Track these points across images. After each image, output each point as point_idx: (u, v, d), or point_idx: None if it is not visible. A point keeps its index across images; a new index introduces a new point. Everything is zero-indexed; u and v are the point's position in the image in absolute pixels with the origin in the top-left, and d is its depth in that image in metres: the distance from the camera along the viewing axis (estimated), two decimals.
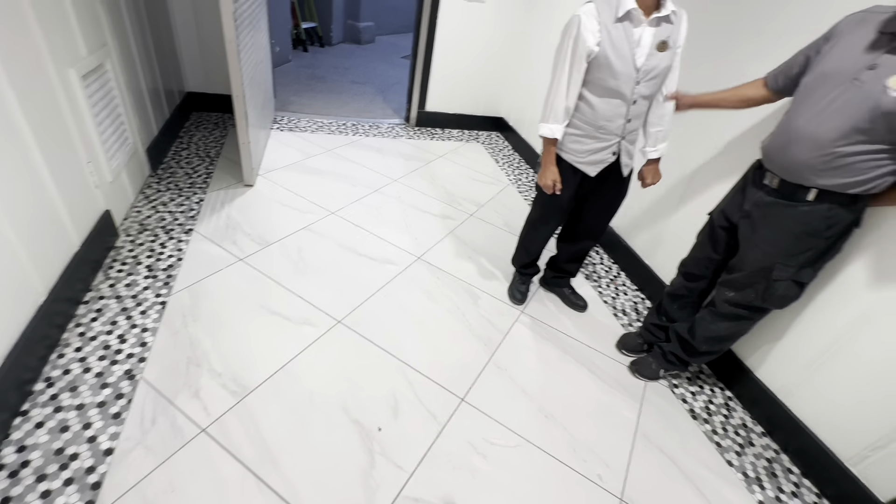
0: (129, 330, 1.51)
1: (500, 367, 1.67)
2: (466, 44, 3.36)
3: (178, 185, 2.31)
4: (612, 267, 2.38)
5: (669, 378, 1.77)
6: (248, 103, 2.18)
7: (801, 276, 1.33)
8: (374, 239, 2.21)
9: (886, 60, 1.07)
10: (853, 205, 1.21)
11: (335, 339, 1.64)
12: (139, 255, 1.83)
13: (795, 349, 1.53)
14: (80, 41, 1.63)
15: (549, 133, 1.49)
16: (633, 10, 1.29)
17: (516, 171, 3.24)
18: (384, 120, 3.69)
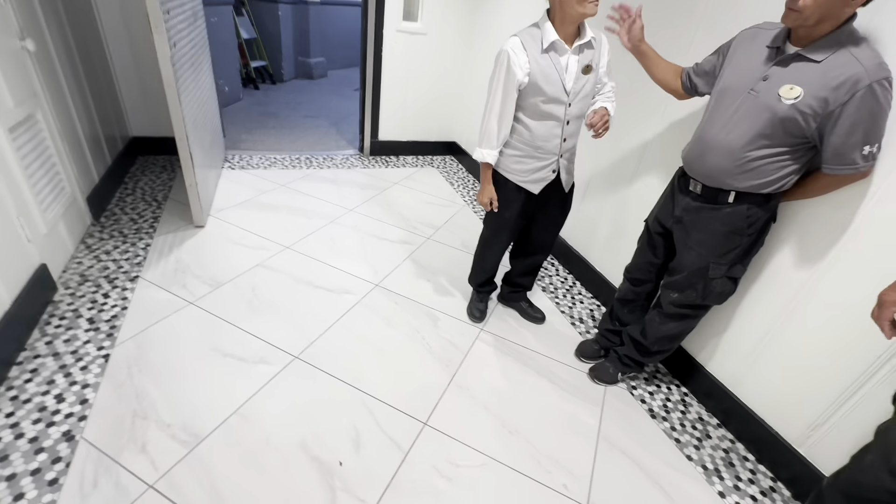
0: (67, 388, 1.43)
1: (462, 386, 1.67)
2: (413, 74, 3.47)
3: (123, 232, 2.24)
4: (567, 277, 2.46)
5: (628, 380, 1.82)
6: (192, 144, 2.16)
7: (734, 272, 1.43)
8: (330, 270, 2.20)
9: (775, 72, 1.19)
10: (767, 203, 1.32)
11: (292, 375, 1.60)
12: (79, 308, 1.75)
13: (738, 340, 1.61)
14: (5, 93, 1.58)
15: (482, 158, 1.58)
16: (556, 41, 1.40)
17: (471, 193, 3.32)
18: (338, 151, 3.72)
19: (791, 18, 1.11)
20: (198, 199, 2.26)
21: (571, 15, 1.36)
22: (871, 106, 1.07)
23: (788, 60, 1.17)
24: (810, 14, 1.06)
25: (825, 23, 1.08)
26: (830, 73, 1.09)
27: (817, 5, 1.04)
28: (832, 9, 1.05)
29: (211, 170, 2.64)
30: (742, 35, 1.33)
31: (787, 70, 1.17)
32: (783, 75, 1.17)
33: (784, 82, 1.17)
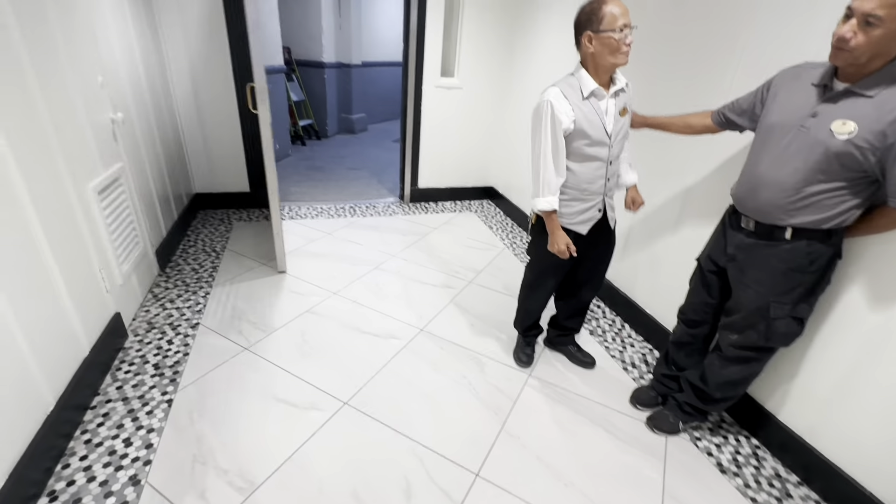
0: (134, 432, 1.50)
1: (513, 435, 1.62)
2: (450, 124, 3.64)
3: (186, 282, 2.40)
4: (615, 320, 2.38)
5: (690, 431, 1.70)
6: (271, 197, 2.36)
7: (798, 311, 1.35)
8: (376, 315, 2.25)
9: (825, 109, 1.18)
10: (829, 239, 1.26)
11: (343, 422, 1.61)
12: (146, 354, 1.86)
13: (812, 386, 1.49)
14: (97, 160, 1.80)
15: (547, 206, 1.55)
16: (595, 89, 1.46)
17: (510, 235, 3.35)
18: (380, 200, 3.89)
19: (841, 58, 1.10)
20: (283, 247, 2.46)
21: (604, 65, 1.43)
22: None
23: (838, 97, 1.16)
24: (862, 53, 1.06)
25: (876, 60, 1.08)
26: (885, 106, 1.07)
27: (869, 45, 1.04)
28: (883, 46, 1.04)
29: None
30: (783, 74, 1.34)
31: (838, 106, 1.15)
32: (834, 111, 1.16)
33: (835, 118, 1.15)
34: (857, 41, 1.04)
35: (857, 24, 1.03)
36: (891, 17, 0.99)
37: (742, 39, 1.64)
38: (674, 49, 1.94)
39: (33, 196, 1.35)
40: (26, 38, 1.38)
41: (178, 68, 2.90)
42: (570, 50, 2.66)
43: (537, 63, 3.11)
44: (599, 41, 1.39)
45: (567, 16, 2.69)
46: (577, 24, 1.45)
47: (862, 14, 1.02)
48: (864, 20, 1.02)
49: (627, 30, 1.37)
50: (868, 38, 1.03)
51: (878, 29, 1.01)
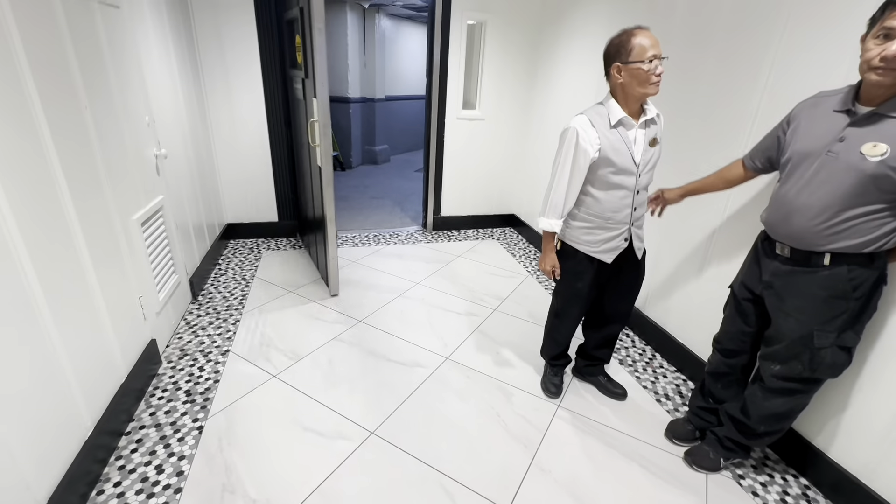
0: (166, 459, 1.51)
1: (544, 469, 1.56)
2: (472, 153, 3.71)
3: (217, 309, 2.46)
4: (645, 349, 2.32)
5: (732, 468, 1.61)
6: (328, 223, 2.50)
7: (845, 340, 1.29)
8: (402, 343, 2.24)
9: (852, 133, 1.17)
10: (872, 263, 1.22)
11: (369, 452, 1.59)
12: (179, 381, 1.89)
13: (865, 420, 1.41)
14: (141, 193, 1.90)
15: (548, 227, 1.60)
16: (623, 117, 1.48)
17: (533, 263, 3.33)
18: (403, 228, 3.95)
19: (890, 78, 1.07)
20: (336, 271, 2.63)
21: (634, 95, 1.45)
22: None
23: (864, 121, 1.15)
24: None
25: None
26: None
27: None
28: None
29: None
30: (801, 105, 1.34)
31: (865, 129, 1.14)
32: (862, 135, 1.14)
33: (865, 141, 1.13)
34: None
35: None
36: None
37: (763, 77, 1.65)
38: (693, 86, 1.96)
39: (84, 228, 1.43)
40: (86, 82, 1.50)
41: (215, 105, 3.07)
42: (591, 81, 2.72)
43: (558, 94, 3.17)
44: (629, 72, 1.42)
45: (588, 48, 2.76)
46: (607, 56, 1.48)
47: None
48: None
49: (657, 61, 1.39)
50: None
51: None
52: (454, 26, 3.26)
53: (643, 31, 1.40)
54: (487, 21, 3.32)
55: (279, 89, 3.13)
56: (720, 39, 1.84)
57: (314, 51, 2.13)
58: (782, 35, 1.59)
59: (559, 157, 1.54)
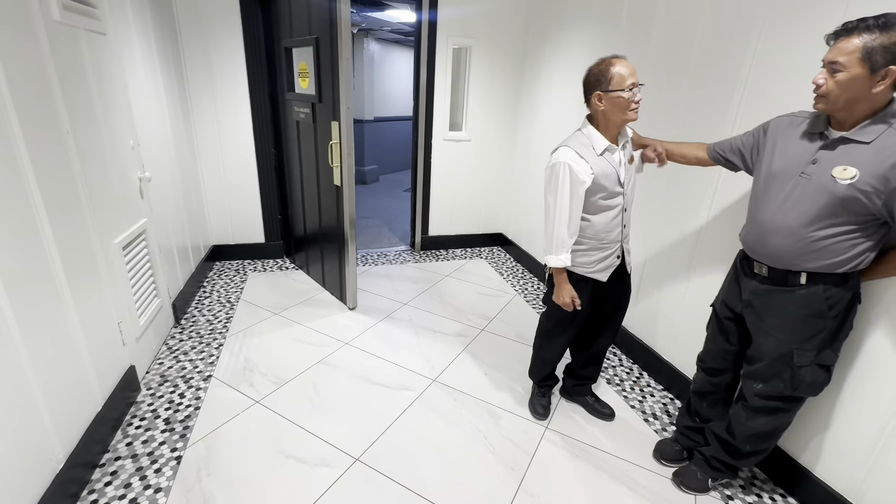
0: (141, 492, 1.46)
1: (532, 494, 1.54)
2: (459, 174, 3.76)
3: (200, 333, 2.41)
4: (632, 368, 2.32)
5: (720, 488, 1.60)
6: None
7: (823, 358, 1.31)
8: (388, 366, 2.22)
9: (824, 156, 1.21)
10: (846, 283, 1.25)
11: (354, 480, 1.56)
12: (158, 409, 1.84)
13: (847, 438, 1.41)
14: (123, 217, 1.88)
15: (559, 264, 1.57)
16: (609, 145, 1.53)
17: (521, 282, 3.34)
18: (391, 248, 3.95)
19: (821, 103, 1.17)
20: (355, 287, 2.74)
21: (615, 122, 1.50)
22: None
23: (835, 144, 1.19)
24: (836, 97, 1.12)
25: (858, 105, 1.12)
26: (884, 152, 1.09)
27: (841, 90, 1.10)
28: (857, 91, 1.09)
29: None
30: (777, 122, 1.38)
31: (836, 153, 1.18)
32: (833, 158, 1.18)
33: (835, 164, 1.17)
34: (828, 87, 1.13)
35: (826, 72, 1.14)
36: (850, 62, 1.08)
37: (735, 104, 1.71)
38: (670, 108, 2.02)
39: (61, 251, 1.41)
40: (69, 106, 1.50)
41: (202, 127, 3.08)
42: (574, 104, 2.79)
43: (542, 116, 3.24)
44: (609, 100, 1.46)
45: (569, 71, 2.84)
46: (587, 84, 1.52)
47: (828, 62, 1.13)
48: (830, 68, 1.12)
49: (636, 88, 1.44)
50: (835, 83, 1.11)
51: (841, 74, 1.10)
52: (440, 50, 3.34)
53: (621, 60, 1.45)
54: (472, 45, 3.41)
55: (267, 112, 3.15)
56: (694, 65, 1.91)
57: (339, 78, 2.34)
58: (752, 60, 1.66)
59: (553, 192, 1.52)
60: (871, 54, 1.05)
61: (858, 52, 1.06)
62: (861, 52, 1.06)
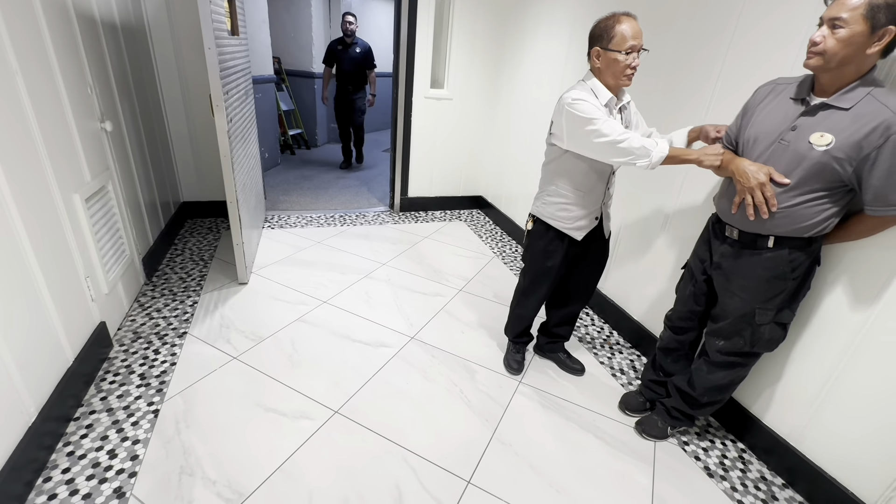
0: (119, 444, 1.47)
1: (504, 442, 1.62)
2: (440, 134, 3.68)
3: (173, 290, 2.36)
4: (603, 327, 2.41)
5: (678, 435, 1.72)
6: (241, 208, 2.32)
7: (782, 317, 1.39)
8: (366, 324, 2.24)
9: (803, 122, 1.23)
10: (809, 246, 1.31)
11: (333, 431, 1.60)
12: (132, 364, 1.82)
13: (795, 389, 1.53)
14: (84, 168, 1.78)
15: (661, 153, 1.38)
16: (610, 99, 1.49)
17: (500, 244, 3.38)
18: (370, 209, 3.89)
19: (814, 60, 1.16)
20: (243, 258, 2.39)
21: (609, 84, 1.47)
22: None
23: (815, 110, 1.21)
24: (832, 56, 1.12)
25: (849, 66, 1.13)
26: (860, 119, 1.12)
27: (840, 47, 1.10)
28: (854, 50, 1.10)
29: (254, 230, 2.80)
30: (761, 90, 1.39)
31: (815, 119, 1.20)
32: (812, 124, 1.21)
33: (814, 130, 1.20)
34: (826, 44, 1.12)
35: (827, 28, 1.12)
36: (853, 18, 1.07)
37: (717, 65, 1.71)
38: (655, 71, 2.01)
39: (18, 202, 1.33)
40: (15, 45, 1.37)
41: (168, 77, 2.89)
42: (558, 64, 2.73)
43: (525, 74, 3.17)
44: (605, 59, 1.43)
45: (554, 30, 2.76)
46: (591, 37, 1.48)
47: (829, 19, 1.11)
48: (831, 24, 1.11)
49: (635, 53, 1.39)
50: (836, 40, 1.11)
51: (842, 30, 1.09)
52: (422, 1, 3.18)
53: (629, 18, 1.39)
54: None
55: None
56: (680, 27, 1.88)
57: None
58: (736, 24, 1.64)
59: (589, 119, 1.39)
60: (875, 11, 1.05)
61: (863, 7, 1.06)
62: (865, 8, 1.05)
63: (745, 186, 1.29)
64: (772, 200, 1.26)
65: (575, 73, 2.58)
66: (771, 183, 1.26)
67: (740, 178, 1.31)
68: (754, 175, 1.27)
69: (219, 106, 2.02)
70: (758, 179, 1.26)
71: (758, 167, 1.28)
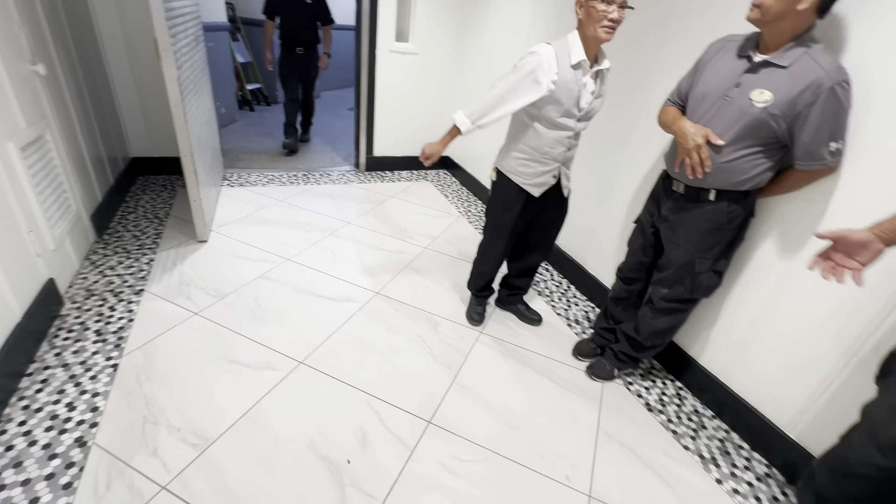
0: (78, 397, 1.45)
1: (465, 386, 1.72)
2: (406, 91, 3.59)
3: (126, 248, 2.28)
4: (561, 281, 2.53)
5: (624, 377, 1.87)
6: (196, 162, 2.23)
7: (718, 266, 1.50)
8: (331, 280, 2.25)
9: (747, 79, 1.29)
10: (746, 199, 1.41)
11: (298, 380, 1.64)
12: (86, 321, 1.78)
13: (726, 332, 1.68)
14: (18, 115, 1.65)
15: (459, 122, 1.59)
16: (583, 60, 1.48)
17: (465, 204, 3.41)
18: (334, 168, 3.81)
19: (753, 14, 1.22)
20: (201, 215, 2.32)
21: (588, 36, 1.45)
22: (833, 106, 1.17)
23: (758, 67, 1.27)
24: (767, 9, 1.18)
25: (784, 21, 1.19)
26: (796, 77, 1.19)
27: (773, 1, 1.16)
28: (785, 7, 1.16)
29: (212, 187, 2.70)
30: (711, 47, 1.44)
31: (758, 76, 1.27)
32: (754, 81, 1.27)
33: (755, 87, 1.26)
34: None
35: None
36: None
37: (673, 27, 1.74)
38: None
39: None
40: None
41: (107, 20, 2.66)
42: (523, 20, 2.69)
43: (493, 30, 3.11)
44: (586, 9, 1.42)
45: None
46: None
47: None
48: None
49: (615, 5, 1.38)
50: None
51: None
52: None
53: None
54: None
55: None
56: None
57: None
58: None
59: (512, 73, 1.51)
60: None
61: None
62: None
63: (683, 148, 1.37)
64: (706, 162, 1.34)
65: (541, 30, 2.56)
66: (707, 145, 1.33)
67: (681, 139, 1.38)
68: (692, 137, 1.35)
69: (165, 50, 1.89)
70: (695, 141, 1.34)
71: (697, 129, 1.35)
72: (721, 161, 1.35)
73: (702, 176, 1.36)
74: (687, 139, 1.35)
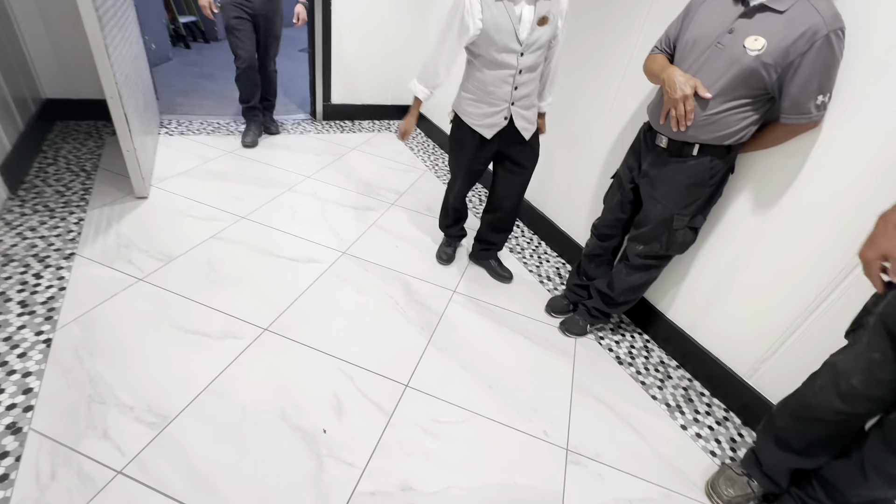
0: (5, 378, 1.28)
1: (440, 347, 1.68)
2: (365, 34, 3.28)
3: (49, 206, 1.99)
4: (532, 238, 2.50)
5: (595, 332, 1.90)
6: (126, 105, 1.93)
7: (695, 222, 1.50)
8: (292, 239, 2.09)
9: (741, 25, 1.22)
10: (728, 154, 1.38)
11: (264, 347, 1.53)
12: (7, 291, 1.55)
13: (695, 287, 1.72)
14: None
15: (416, 91, 1.66)
16: None
17: (432, 157, 3.25)
18: (288, 116, 3.49)
19: None
20: (137, 168, 2.05)
21: None
22: (826, 56, 1.13)
23: (753, 12, 1.20)
24: None
25: None
26: (792, 23, 1.13)
27: None
28: None
29: (147, 136, 2.38)
30: None
31: (753, 21, 1.20)
32: (748, 27, 1.20)
33: (749, 34, 1.20)
34: None
35: None
36: None
37: None
38: None
39: None
40: None
41: None
42: None
43: None
44: None
45: None
46: None
47: None
48: None
49: None
50: None
51: None
52: None
53: None
54: None
55: None
56: None
57: None
58: None
59: (444, 28, 1.50)
60: None
61: None
62: None
63: (670, 97, 1.30)
64: (689, 115, 1.28)
65: None
66: (694, 97, 1.27)
67: (668, 88, 1.31)
68: (681, 87, 1.28)
69: None
70: (683, 91, 1.27)
71: (686, 78, 1.29)
72: (708, 113, 1.30)
73: (683, 129, 1.31)
74: (675, 88, 1.29)
